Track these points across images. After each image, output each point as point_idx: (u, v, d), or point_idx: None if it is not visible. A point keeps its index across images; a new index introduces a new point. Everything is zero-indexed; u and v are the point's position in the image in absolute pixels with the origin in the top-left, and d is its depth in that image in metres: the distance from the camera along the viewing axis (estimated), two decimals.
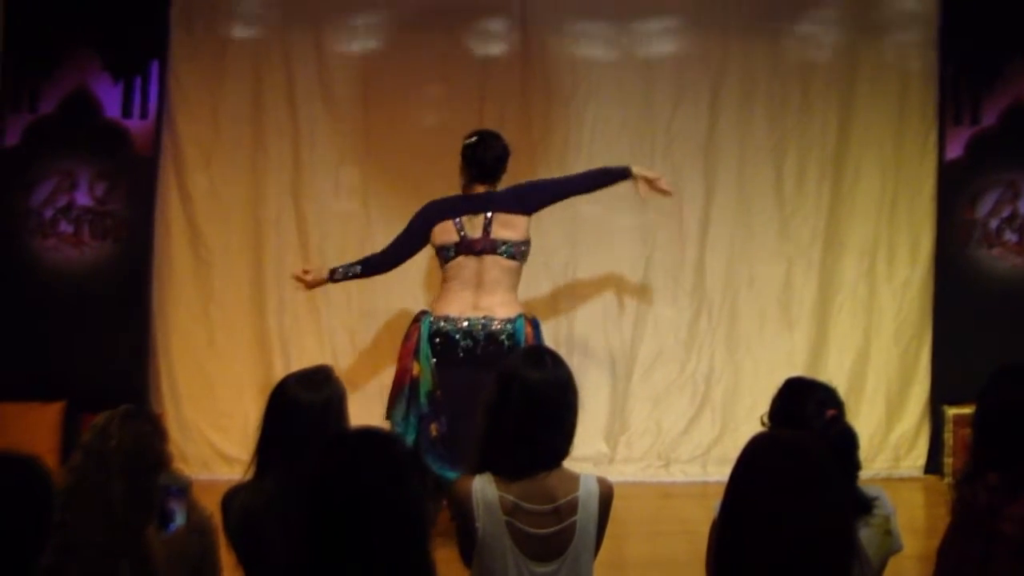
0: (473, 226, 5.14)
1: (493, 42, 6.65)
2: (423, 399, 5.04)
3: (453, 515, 2.94)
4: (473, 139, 5.24)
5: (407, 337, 5.20)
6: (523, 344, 5.02)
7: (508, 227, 5.15)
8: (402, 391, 5.11)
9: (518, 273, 5.24)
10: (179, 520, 2.68)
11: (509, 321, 5.10)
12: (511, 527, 2.75)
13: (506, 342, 5.05)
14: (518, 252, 5.19)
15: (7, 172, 6.40)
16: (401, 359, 5.19)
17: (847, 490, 2.59)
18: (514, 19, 6.67)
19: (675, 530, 5.58)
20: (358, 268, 5.37)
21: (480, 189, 5.19)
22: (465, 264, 5.14)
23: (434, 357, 5.06)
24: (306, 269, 5.53)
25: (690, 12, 6.72)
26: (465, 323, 5.09)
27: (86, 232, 6.44)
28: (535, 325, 5.21)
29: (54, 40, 6.38)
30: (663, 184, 5.42)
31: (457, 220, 5.14)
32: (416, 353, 5.09)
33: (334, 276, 5.39)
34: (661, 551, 5.32)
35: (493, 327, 5.08)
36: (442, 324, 5.09)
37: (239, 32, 6.59)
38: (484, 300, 5.12)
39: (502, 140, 5.28)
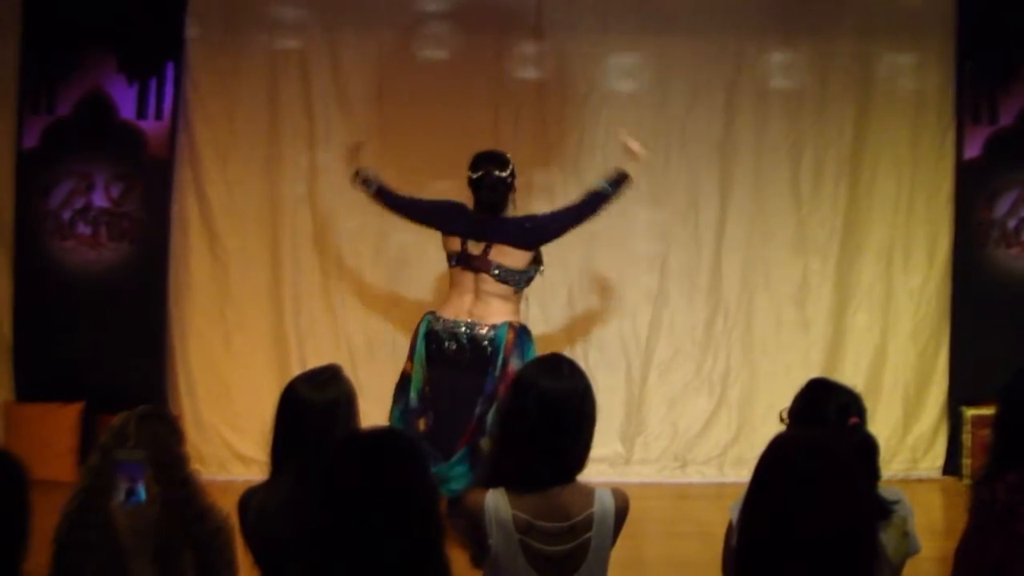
0: (476, 244, 5.26)
1: (508, 44, 6.63)
2: (413, 395, 5.21)
3: (454, 523, 2.92)
4: (476, 174, 5.24)
5: (413, 336, 5.37)
6: (502, 350, 5.10)
7: (506, 256, 5.23)
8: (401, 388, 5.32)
9: (513, 295, 5.29)
10: (141, 493, 2.69)
11: (493, 327, 5.19)
12: (524, 546, 2.67)
13: (488, 347, 5.16)
14: (512, 279, 5.24)
15: (26, 174, 6.44)
16: (408, 358, 5.37)
17: (869, 494, 2.58)
18: (529, 21, 6.66)
19: (691, 531, 5.57)
20: (375, 187, 5.48)
21: (486, 215, 5.27)
22: (464, 274, 5.28)
23: (427, 356, 5.22)
24: (354, 152, 5.60)
25: (706, 12, 6.70)
26: (452, 325, 5.21)
27: (103, 233, 6.47)
28: (519, 333, 5.22)
29: (71, 42, 6.41)
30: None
31: (464, 238, 5.26)
32: (413, 351, 5.27)
33: (359, 175, 5.50)
34: (677, 552, 5.33)
35: (477, 331, 5.18)
36: (436, 325, 5.26)
37: (255, 33, 6.60)
38: (479, 308, 5.23)
39: (504, 176, 5.23)
